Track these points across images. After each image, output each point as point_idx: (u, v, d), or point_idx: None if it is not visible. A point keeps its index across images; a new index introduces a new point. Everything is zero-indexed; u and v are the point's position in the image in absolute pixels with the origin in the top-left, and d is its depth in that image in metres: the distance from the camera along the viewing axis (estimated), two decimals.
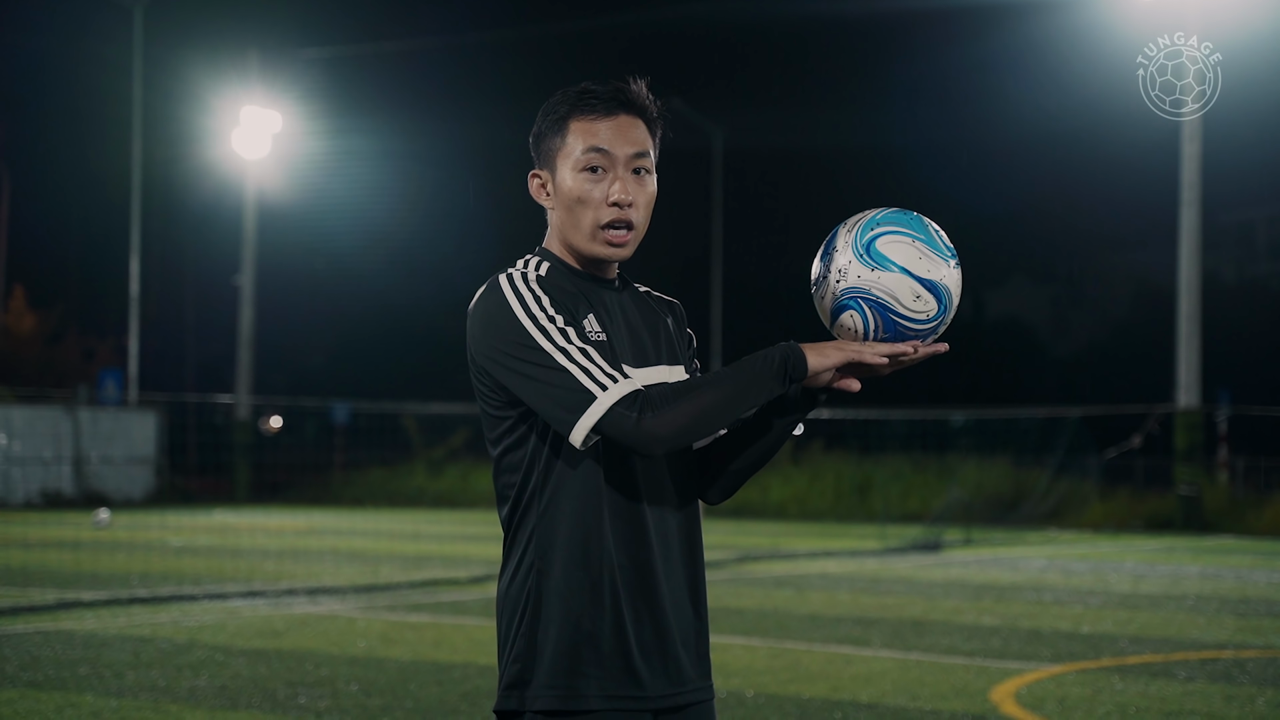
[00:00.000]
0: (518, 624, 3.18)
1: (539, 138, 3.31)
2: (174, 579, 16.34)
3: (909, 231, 3.20)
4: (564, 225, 3.27)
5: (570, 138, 3.24)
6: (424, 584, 16.20)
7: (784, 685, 9.51)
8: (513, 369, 3.11)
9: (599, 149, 3.22)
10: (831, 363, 3.14)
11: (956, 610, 13.93)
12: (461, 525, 28.73)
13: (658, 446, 3.05)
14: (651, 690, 3.19)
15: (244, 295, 40.61)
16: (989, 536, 25.55)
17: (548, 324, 3.11)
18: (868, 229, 3.21)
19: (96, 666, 10.07)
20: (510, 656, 3.18)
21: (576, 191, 3.23)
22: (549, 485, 3.18)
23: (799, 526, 29.45)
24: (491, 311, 3.17)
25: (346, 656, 10.63)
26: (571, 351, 3.08)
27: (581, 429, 3.04)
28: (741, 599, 14.81)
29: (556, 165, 3.27)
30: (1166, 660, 10.80)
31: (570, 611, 3.14)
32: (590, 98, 3.25)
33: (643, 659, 3.19)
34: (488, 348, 3.16)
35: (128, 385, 39.43)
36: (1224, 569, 19.46)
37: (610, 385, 3.05)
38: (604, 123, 3.24)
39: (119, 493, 35.10)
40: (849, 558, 20.90)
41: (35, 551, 20.18)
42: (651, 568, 3.20)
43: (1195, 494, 28.37)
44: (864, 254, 3.17)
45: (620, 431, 3.03)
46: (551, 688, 3.13)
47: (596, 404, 3.04)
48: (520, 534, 3.22)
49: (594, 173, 3.23)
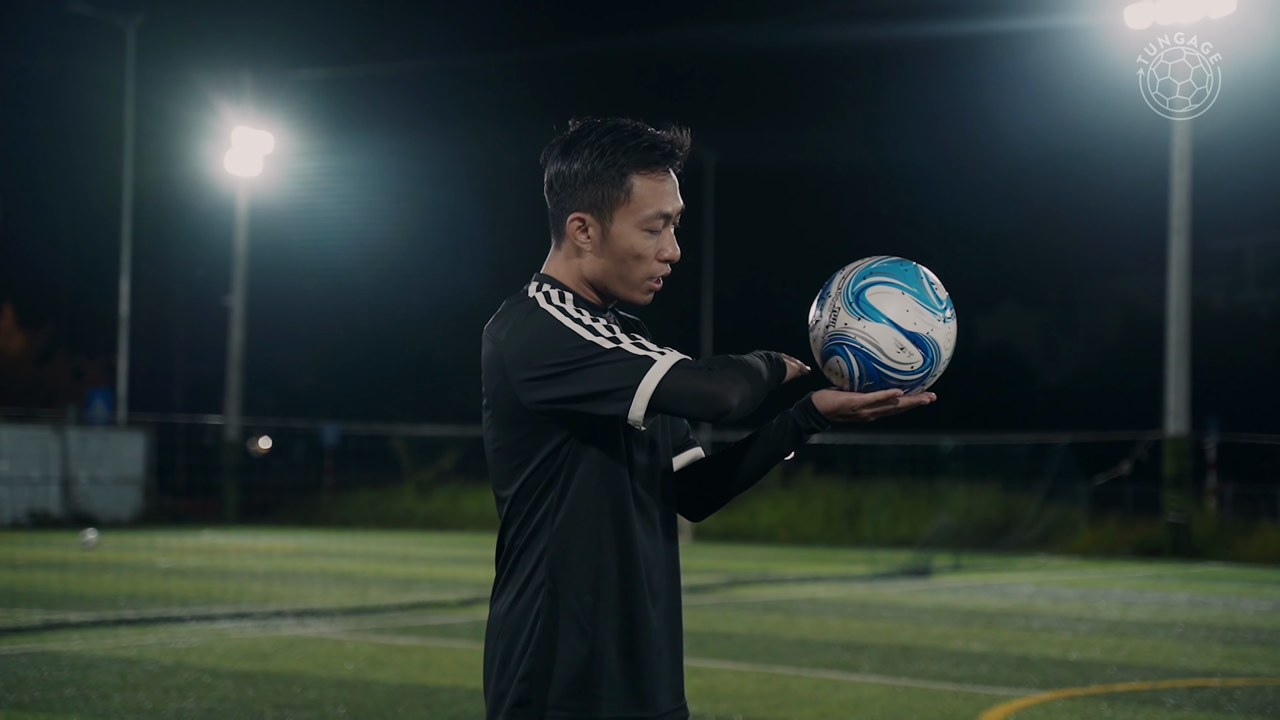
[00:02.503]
0: (524, 644, 3.19)
1: (589, 180, 3.25)
2: (161, 600, 16.30)
3: (900, 283, 3.25)
4: (604, 273, 3.28)
5: (636, 196, 3.24)
6: (413, 607, 16.17)
7: (772, 710, 9.49)
8: (564, 371, 3.10)
9: (666, 214, 3.27)
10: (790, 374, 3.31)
11: (945, 636, 13.92)
12: (451, 548, 28.69)
13: (732, 399, 3.06)
14: (650, 711, 3.23)
15: (234, 316, 40.57)
16: (978, 562, 25.54)
17: (593, 323, 3.15)
18: (861, 278, 3.27)
19: (83, 688, 10.04)
20: (517, 676, 3.19)
21: (638, 249, 3.26)
22: (563, 508, 3.20)
23: (788, 551, 29.43)
24: (538, 328, 3.16)
25: (334, 679, 10.60)
26: (620, 338, 3.12)
27: (646, 391, 3.05)
28: (730, 624, 14.79)
29: (613, 217, 3.25)
30: (1154, 688, 10.80)
31: (582, 633, 3.17)
32: (655, 153, 3.26)
33: (646, 679, 3.23)
34: (534, 364, 3.14)
35: (116, 405, 39.37)
36: (1212, 596, 19.47)
37: (667, 351, 3.11)
38: (667, 182, 3.28)
39: (107, 513, 35.01)
40: (838, 583, 20.89)
41: (22, 572, 20.12)
42: (652, 590, 3.26)
43: (1184, 521, 28.38)
44: (853, 302, 3.24)
45: (694, 384, 3.05)
46: (561, 708, 3.16)
47: (659, 364, 3.06)
48: (528, 555, 3.22)
49: (654, 233, 3.26)
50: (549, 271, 3.33)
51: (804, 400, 3.35)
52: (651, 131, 3.27)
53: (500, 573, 3.28)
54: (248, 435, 42.15)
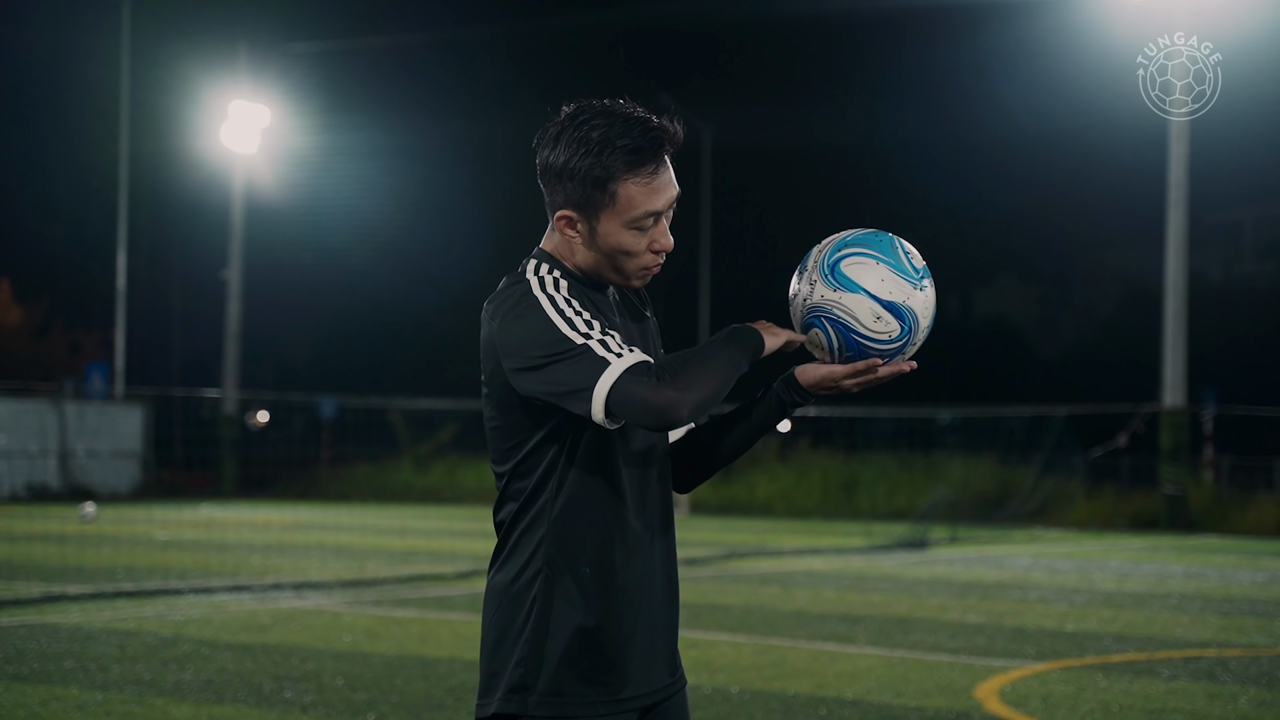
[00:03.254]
0: (520, 627, 3.20)
1: (573, 178, 3.19)
2: (160, 573, 16.33)
3: (875, 254, 3.27)
4: (594, 264, 3.26)
5: (622, 199, 3.18)
6: (410, 579, 16.21)
7: (769, 682, 9.52)
8: (540, 365, 3.08)
9: (655, 213, 3.21)
10: (778, 342, 3.25)
11: (941, 608, 13.96)
12: (448, 520, 28.73)
13: (681, 410, 3.01)
14: (646, 688, 3.25)
15: (231, 290, 40.55)
16: (974, 534, 25.59)
17: (574, 316, 3.12)
18: (836, 250, 3.29)
19: (82, 660, 10.06)
20: (512, 660, 3.19)
21: (626, 246, 3.22)
22: (563, 494, 3.20)
23: (785, 524, 29.48)
24: (525, 316, 3.14)
25: (332, 651, 10.63)
26: (592, 334, 3.09)
27: (600, 395, 3.01)
28: (727, 596, 14.82)
29: (599, 217, 3.20)
30: (1150, 659, 10.83)
31: (580, 619, 3.18)
32: (643, 154, 3.17)
33: (642, 660, 3.25)
34: (518, 353, 3.12)
35: (114, 379, 39.39)
36: (1208, 568, 19.51)
37: (626, 353, 3.06)
38: (655, 181, 3.20)
39: (105, 486, 35.05)
40: (835, 555, 20.93)
41: (21, 545, 20.15)
42: (650, 571, 3.27)
43: (1180, 493, 28.43)
44: (829, 274, 3.26)
45: (640, 397, 3.00)
46: (557, 694, 3.17)
47: (611, 368, 3.02)
48: (527, 538, 3.23)
49: (642, 230, 3.22)
50: (547, 247, 3.31)
51: (786, 374, 3.35)
52: (642, 124, 3.18)
53: (499, 547, 3.29)
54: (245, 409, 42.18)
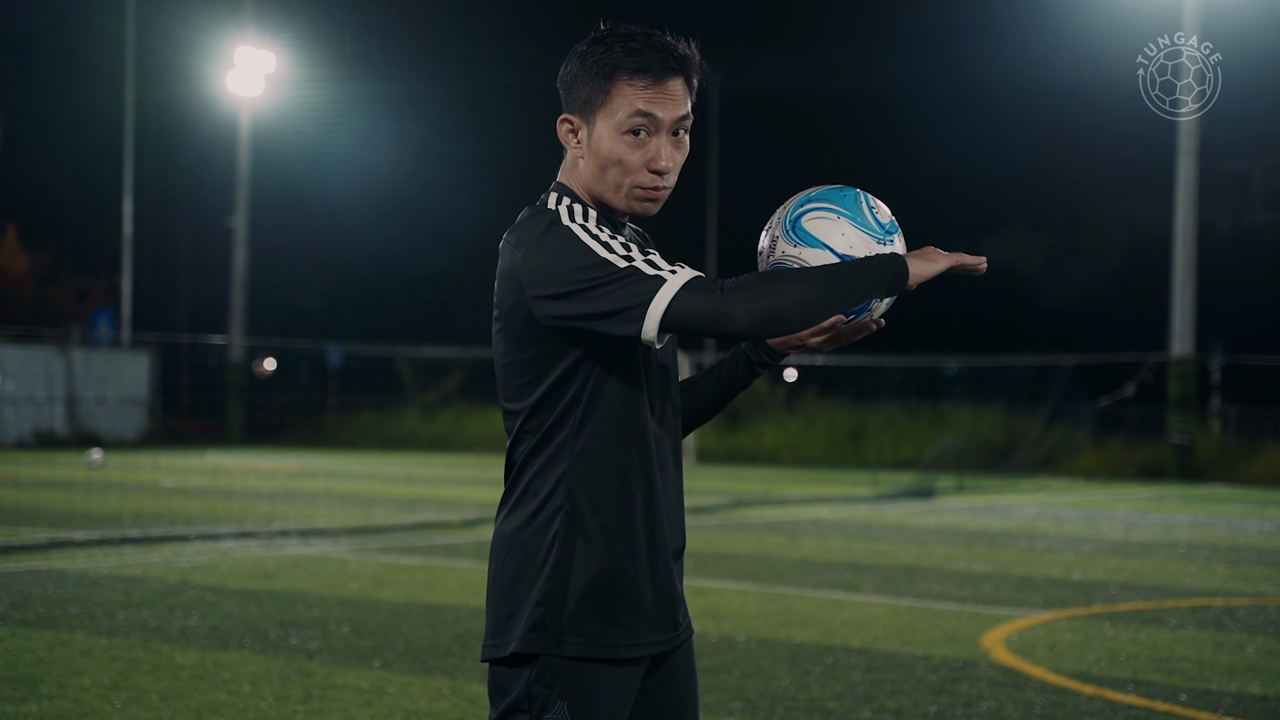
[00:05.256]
0: (539, 566, 3.13)
1: (574, 82, 3.18)
2: (166, 520, 16.35)
3: (837, 209, 3.20)
4: (593, 178, 3.19)
5: (616, 98, 3.14)
6: (416, 527, 16.22)
7: (775, 630, 9.52)
8: (579, 289, 3.01)
9: (646, 114, 3.14)
10: (937, 269, 3.11)
11: (948, 557, 13.96)
12: (455, 469, 28.76)
13: (743, 322, 2.94)
14: (663, 634, 3.21)
15: (238, 236, 40.49)
16: (981, 484, 25.59)
17: (610, 240, 3.06)
18: (800, 206, 3.23)
19: (88, 606, 10.07)
20: (532, 599, 3.12)
21: (617, 154, 3.15)
22: (585, 432, 3.13)
23: (792, 473, 29.49)
24: (558, 244, 3.06)
25: (338, 598, 10.63)
26: (635, 256, 3.02)
27: (656, 310, 2.95)
28: (734, 544, 14.82)
29: (595, 120, 3.16)
30: (1157, 607, 10.82)
31: (605, 557, 3.12)
32: (640, 57, 3.14)
33: (662, 605, 3.21)
34: (551, 280, 3.05)
35: (121, 326, 39.39)
36: (1215, 517, 19.50)
37: (680, 269, 3.00)
38: (653, 88, 3.14)
39: (112, 433, 35.11)
40: (841, 504, 20.94)
41: (28, 491, 20.18)
42: (666, 514, 3.22)
43: (1188, 443, 28.41)
44: (790, 230, 3.20)
45: (701, 306, 2.94)
46: (580, 634, 3.11)
47: (669, 283, 2.96)
48: (545, 477, 3.16)
49: (636, 135, 3.15)
50: (564, 180, 3.25)
51: None
52: (655, 37, 3.17)
53: (511, 490, 3.22)
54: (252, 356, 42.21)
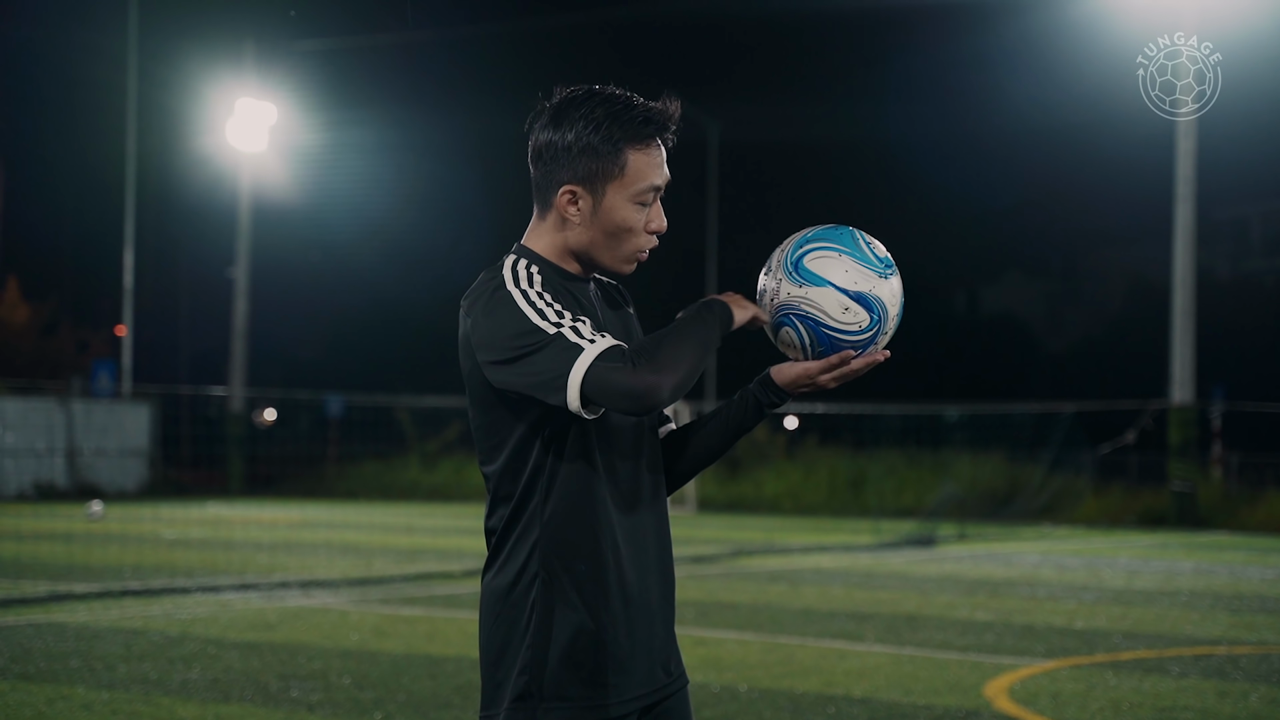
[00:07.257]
0: (521, 634, 3.18)
1: (582, 152, 3.22)
2: (167, 571, 16.32)
3: (837, 247, 3.28)
4: (591, 244, 3.25)
5: (630, 169, 3.21)
6: (417, 577, 16.19)
7: (777, 680, 9.50)
8: (514, 357, 3.06)
9: (659, 186, 3.25)
10: (747, 316, 3.24)
11: (950, 605, 13.93)
12: (455, 519, 28.72)
13: (660, 392, 2.99)
14: (648, 686, 3.22)
15: (238, 287, 40.55)
16: (983, 532, 25.55)
17: (545, 306, 3.10)
18: (798, 247, 3.31)
19: (88, 659, 10.05)
20: (515, 669, 3.17)
21: (629, 222, 3.23)
22: (553, 496, 3.17)
23: (793, 521, 29.44)
24: (498, 309, 3.13)
25: (339, 649, 10.61)
26: (564, 322, 3.07)
27: (574, 382, 2.99)
28: (735, 593, 14.79)
29: (605, 190, 3.22)
30: (1160, 656, 10.80)
31: (580, 620, 3.16)
32: (650, 127, 3.23)
33: (644, 659, 3.23)
34: (492, 347, 3.11)
35: (121, 377, 39.38)
36: (1218, 565, 19.46)
37: (598, 339, 3.04)
38: (658, 155, 3.25)
39: (112, 484, 35.06)
40: (843, 552, 20.90)
41: (28, 543, 20.15)
42: (646, 568, 3.25)
43: (1189, 490, 28.37)
44: (793, 271, 3.28)
45: (616, 381, 2.98)
46: (563, 699, 3.15)
47: (584, 355, 3.00)
48: (522, 543, 3.20)
49: (644, 206, 3.24)
50: (528, 243, 3.30)
51: (763, 375, 3.35)
52: (644, 103, 3.24)
53: (494, 557, 3.26)
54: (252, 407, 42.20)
